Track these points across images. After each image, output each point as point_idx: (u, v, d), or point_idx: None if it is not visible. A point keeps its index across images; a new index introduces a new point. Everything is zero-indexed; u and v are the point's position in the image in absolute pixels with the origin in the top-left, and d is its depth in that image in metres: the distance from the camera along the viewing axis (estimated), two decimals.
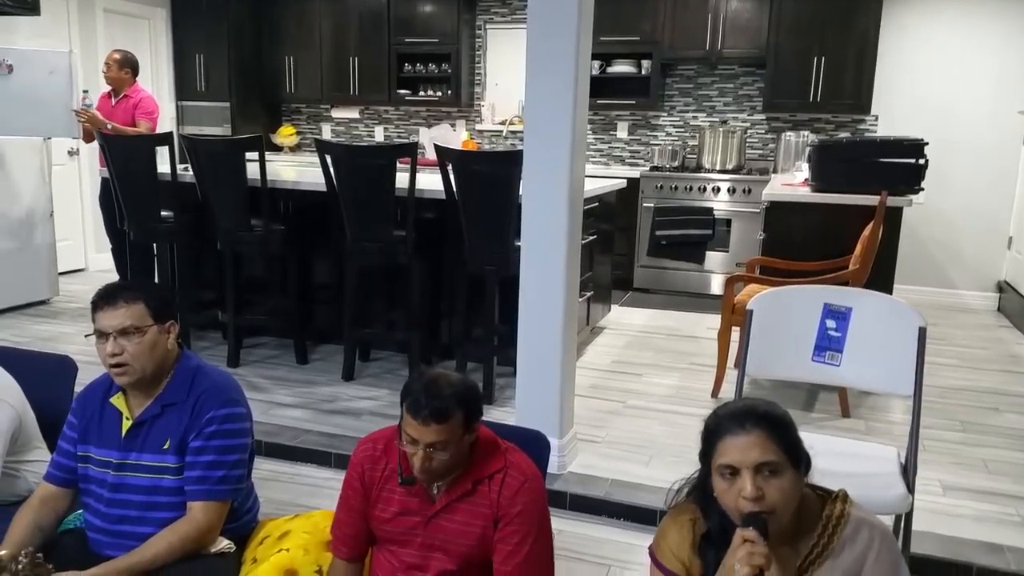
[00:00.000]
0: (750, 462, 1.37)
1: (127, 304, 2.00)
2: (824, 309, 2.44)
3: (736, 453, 1.39)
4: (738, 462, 1.38)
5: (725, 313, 3.92)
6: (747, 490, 1.36)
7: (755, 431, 1.39)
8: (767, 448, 1.38)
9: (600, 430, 3.47)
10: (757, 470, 1.37)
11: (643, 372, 4.32)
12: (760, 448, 1.38)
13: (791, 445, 1.41)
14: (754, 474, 1.37)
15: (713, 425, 1.46)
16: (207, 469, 2.02)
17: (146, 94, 5.38)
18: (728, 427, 1.41)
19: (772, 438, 1.39)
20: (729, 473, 1.40)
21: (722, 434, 1.42)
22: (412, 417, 1.69)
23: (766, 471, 1.37)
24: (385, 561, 1.85)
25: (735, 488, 1.39)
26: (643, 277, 6.31)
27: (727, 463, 1.39)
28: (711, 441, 1.44)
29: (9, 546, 1.93)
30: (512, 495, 1.76)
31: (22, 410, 2.34)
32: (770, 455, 1.38)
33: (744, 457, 1.38)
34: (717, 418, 1.46)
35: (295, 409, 3.71)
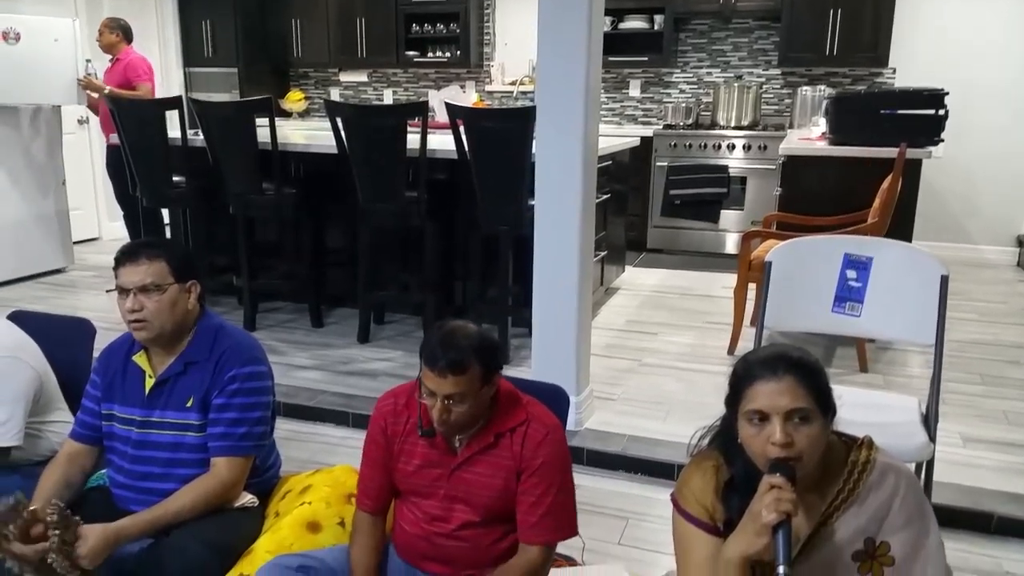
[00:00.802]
0: (781, 408, 1.35)
1: (149, 261, 2.00)
2: (844, 259, 2.40)
3: (766, 399, 1.37)
4: (768, 408, 1.36)
5: (741, 270, 3.89)
6: (776, 436, 1.35)
7: (787, 378, 1.36)
8: (798, 395, 1.36)
9: (616, 388, 3.47)
10: (787, 417, 1.35)
11: (658, 331, 4.30)
12: (791, 395, 1.36)
13: (822, 392, 1.39)
14: (784, 421, 1.35)
15: (743, 370, 1.43)
16: (230, 426, 2.04)
17: (136, 55, 5.36)
18: (759, 373, 1.39)
19: (804, 385, 1.36)
20: (758, 419, 1.38)
21: (752, 380, 1.39)
22: (430, 369, 1.68)
23: (796, 418, 1.36)
24: (408, 513, 1.87)
25: (763, 434, 1.37)
26: (657, 238, 6.27)
27: (757, 408, 1.37)
28: (740, 386, 1.41)
29: (39, 501, 1.95)
30: (535, 447, 1.77)
31: (43, 372, 2.36)
32: (801, 402, 1.36)
33: (775, 403, 1.36)
34: (747, 363, 1.43)
35: (312, 371, 3.73)
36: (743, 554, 1.37)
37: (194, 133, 4.36)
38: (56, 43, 5.09)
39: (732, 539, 1.40)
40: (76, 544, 1.80)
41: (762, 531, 1.34)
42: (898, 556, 1.39)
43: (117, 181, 5.32)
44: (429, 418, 1.74)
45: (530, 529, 1.77)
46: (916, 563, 1.39)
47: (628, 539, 2.42)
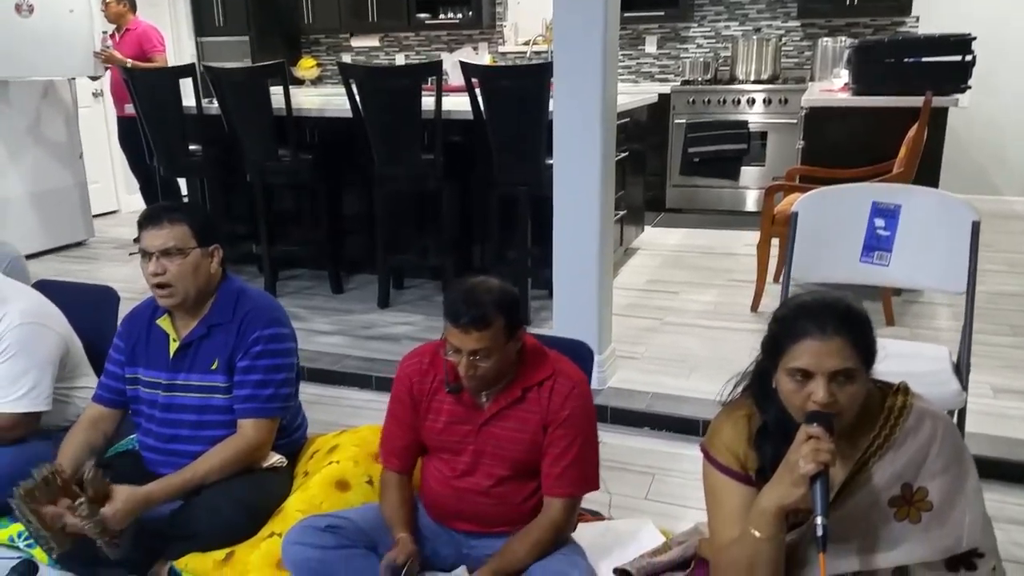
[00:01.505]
0: (827, 369, 1.31)
1: (171, 225, 2.00)
2: (872, 208, 2.35)
3: (812, 359, 1.32)
4: (814, 367, 1.32)
5: (765, 224, 3.83)
6: (820, 395, 1.31)
7: (836, 338, 1.31)
8: (847, 356, 1.31)
9: (638, 346, 3.45)
10: (832, 376, 1.32)
11: (679, 290, 4.26)
12: (840, 356, 1.31)
13: (869, 348, 1.34)
14: (829, 381, 1.32)
15: (788, 321, 1.37)
16: (256, 388, 2.04)
17: (146, 25, 5.34)
18: (807, 328, 1.33)
19: (852, 343, 1.32)
20: (801, 376, 1.34)
21: (799, 335, 1.34)
22: (453, 325, 1.67)
23: (841, 377, 1.32)
24: (436, 470, 1.87)
25: (805, 391, 1.34)
26: (676, 197, 6.19)
27: (801, 367, 1.33)
28: (783, 340, 1.36)
29: (63, 461, 1.97)
30: (562, 400, 1.76)
31: (68, 338, 2.38)
32: (849, 362, 1.31)
33: (821, 363, 1.32)
34: (793, 314, 1.37)
35: (334, 336, 3.73)
36: (779, 504, 1.35)
37: (208, 101, 4.33)
38: (71, 14, 5.06)
39: (768, 489, 1.38)
40: (104, 504, 1.82)
41: (799, 482, 1.32)
42: (936, 501, 1.37)
43: (131, 152, 5.32)
44: (455, 374, 1.74)
45: (554, 481, 1.77)
46: (954, 508, 1.37)
47: (655, 494, 2.42)
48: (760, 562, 1.39)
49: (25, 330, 2.23)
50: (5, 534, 2.18)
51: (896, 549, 1.38)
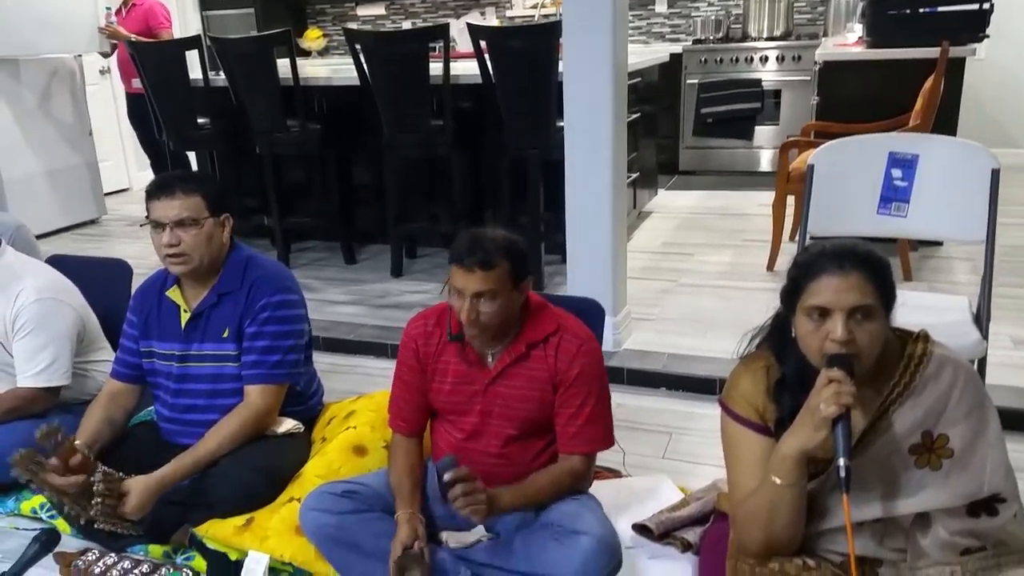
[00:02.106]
0: (845, 305, 1.30)
1: (185, 195, 1.98)
2: (889, 158, 2.31)
3: (831, 294, 1.31)
4: (832, 303, 1.31)
5: (780, 182, 3.78)
6: (837, 332, 1.30)
7: (854, 273, 1.31)
8: (865, 291, 1.30)
9: (654, 308, 3.43)
10: (850, 313, 1.30)
11: (694, 252, 4.23)
12: (858, 291, 1.30)
13: (887, 288, 1.33)
14: (847, 317, 1.30)
15: (807, 263, 1.37)
16: (262, 354, 2.05)
17: (153, 0, 5.27)
18: (824, 266, 1.33)
19: (871, 280, 1.31)
20: (818, 315, 1.33)
21: (816, 273, 1.33)
22: (458, 266, 1.67)
23: (859, 315, 1.30)
24: (446, 432, 1.87)
25: (823, 330, 1.32)
26: (689, 159, 6.12)
27: (819, 304, 1.32)
28: (802, 280, 1.35)
29: (82, 437, 1.99)
30: (570, 359, 1.75)
31: (84, 312, 2.39)
32: (867, 298, 1.30)
33: (839, 299, 1.30)
34: (812, 256, 1.37)
35: (348, 306, 3.74)
36: (801, 449, 1.34)
37: (215, 73, 4.31)
38: None
39: (789, 435, 1.37)
40: (121, 501, 1.84)
41: (820, 425, 1.31)
42: (957, 448, 1.36)
43: (141, 128, 5.31)
44: (458, 323, 1.73)
45: (570, 440, 1.77)
46: (975, 455, 1.35)
47: (672, 453, 2.42)
48: (781, 510, 1.39)
49: (42, 306, 2.24)
50: (28, 506, 2.21)
51: (917, 496, 1.37)
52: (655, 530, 1.80)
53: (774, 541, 1.43)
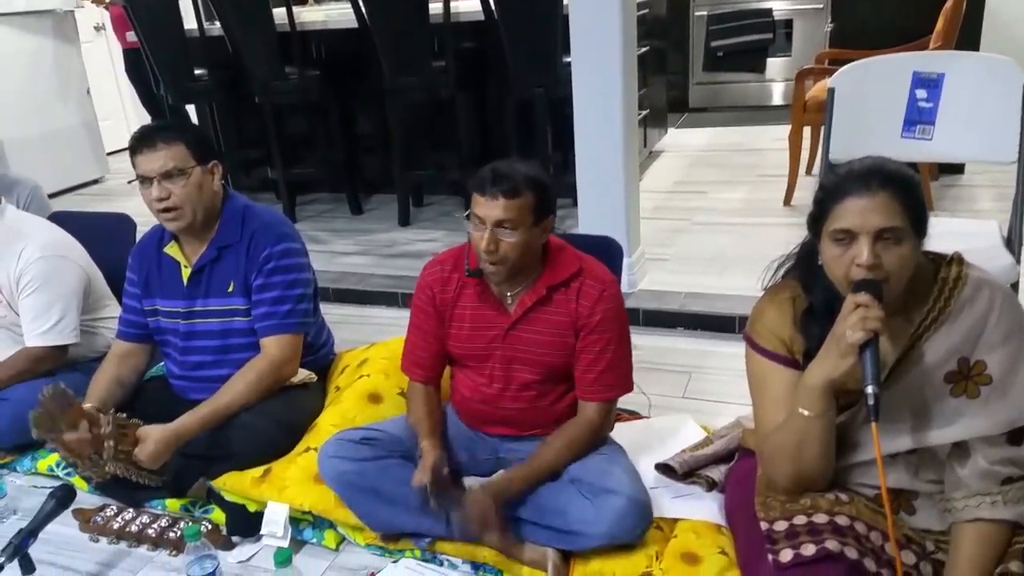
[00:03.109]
0: (871, 227, 1.23)
1: (167, 145, 1.92)
2: (913, 79, 2.21)
3: (856, 216, 1.24)
4: (857, 227, 1.24)
5: (796, 113, 3.66)
6: (863, 256, 1.23)
7: (881, 193, 1.23)
8: (892, 212, 1.23)
9: (668, 248, 3.36)
10: (877, 236, 1.23)
11: (707, 189, 4.13)
12: (884, 212, 1.22)
13: (917, 210, 1.25)
14: (873, 241, 1.23)
15: (832, 184, 1.29)
16: (272, 305, 2.00)
17: None
18: (850, 187, 1.25)
19: (899, 201, 1.23)
20: (844, 239, 1.26)
21: (842, 195, 1.26)
22: (480, 194, 1.61)
23: (887, 237, 1.23)
24: (466, 379, 1.83)
25: (848, 255, 1.25)
26: (699, 96, 5.98)
27: (844, 227, 1.25)
28: (827, 203, 1.28)
29: (91, 399, 1.96)
30: (592, 304, 1.69)
31: (89, 269, 2.35)
32: (895, 220, 1.23)
33: (864, 221, 1.23)
34: (838, 177, 1.29)
35: (356, 256, 3.68)
36: (827, 378, 1.29)
37: (211, 22, 4.19)
38: None
39: (815, 364, 1.31)
40: (135, 449, 1.81)
41: (847, 352, 1.25)
42: (995, 374, 1.30)
43: (139, 84, 5.21)
44: (476, 260, 1.67)
45: (589, 387, 1.72)
46: (1016, 379, 1.29)
47: (692, 392, 2.37)
48: (809, 443, 1.34)
49: (46, 263, 2.20)
50: (44, 464, 2.20)
51: (954, 425, 1.32)
52: (678, 469, 1.76)
53: (803, 475, 1.38)
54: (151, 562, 1.84)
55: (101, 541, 1.92)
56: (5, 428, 2.19)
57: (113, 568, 1.83)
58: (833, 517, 1.33)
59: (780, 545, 1.31)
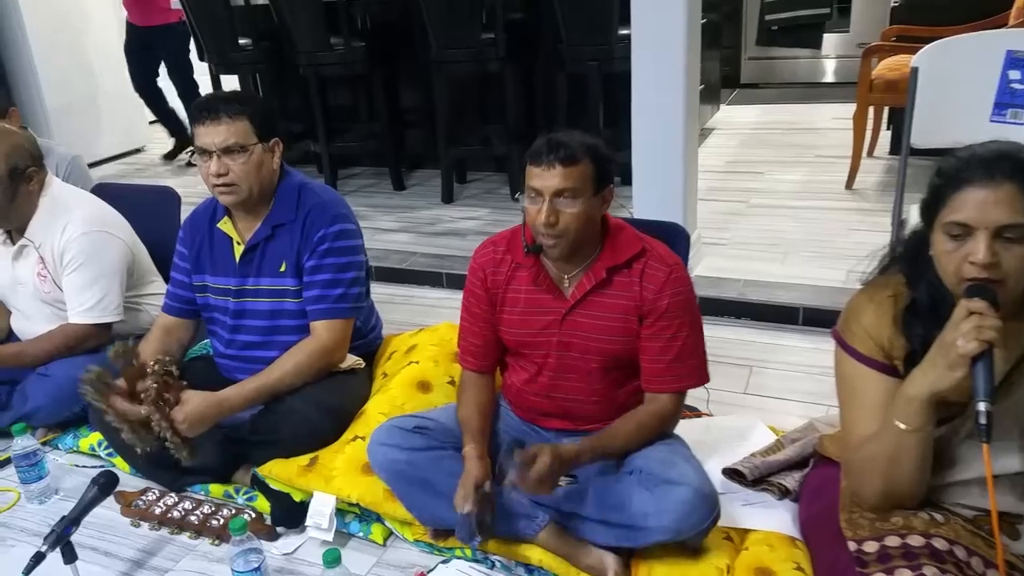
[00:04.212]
0: (991, 222, 1.10)
1: (231, 119, 1.83)
2: (1007, 58, 2.05)
3: (974, 209, 1.11)
4: (975, 220, 1.11)
5: (861, 92, 3.47)
6: (979, 255, 1.10)
7: (1006, 184, 1.10)
8: (1017, 207, 1.10)
9: (724, 232, 3.22)
10: (997, 233, 1.10)
11: (763, 170, 3.97)
12: (1008, 206, 1.10)
13: None
14: (992, 237, 1.10)
15: (951, 170, 1.16)
16: (325, 288, 1.92)
17: None
18: (971, 175, 1.13)
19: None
20: (960, 233, 1.13)
21: (960, 183, 1.13)
22: (535, 164, 1.52)
23: (1008, 235, 1.11)
24: (520, 368, 1.73)
25: (963, 251, 1.13)
26: (751, 71, 5.77)
27: (960, 220, 1.12)
28: (943, 191, 1.16)
29: None
30: (658, 287, 1.58)
31: (133, 244, 2.30)
32: (1019, 216, 1.10)
33: (984, 215, 1.11)
34: (958, 161, 1.16)
35: (399, 234, 3.60)
36: (931, 390, 1.17)
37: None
38: None
39: (918, 373, 1.19)
40: (175, 407, 1.75)
41: (956, 363, 1.13)
42: None
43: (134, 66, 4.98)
44: (532, 235, 1.57)
45: (657, 377, 1.61)
46: None
47: (754, 387, 2.25)
48: (903, 457, 1.23)
49: (89, 239, 2.14)
50: (86, 443, 2.16)
51: None
52: (748, 475, 1.66)
53: (894, 492, 1.27)
54: (193, 551, 1.79)
55: (142, 526, 1.87)
56: (47, 404, 2.16)
57: (154, 556, 1.78)
58: (930, 540, 1.22)
59: (872, 568, 1.21)
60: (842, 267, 2.82)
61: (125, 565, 1.76)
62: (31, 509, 1.98)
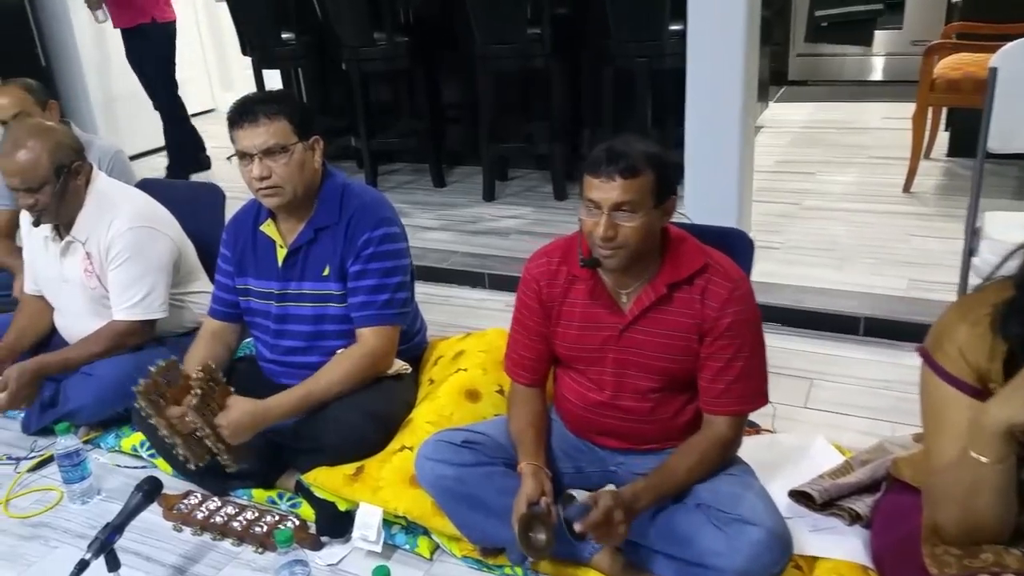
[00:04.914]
0: None
1: (269, 120, 1.79)
2: None
3: None
4: None
5: (922, 92, 3.34)
6: None
7: None
8: None
9: (777, 235, 3.11)
10: None
11: (815, 170, 3.85)
12: None
13: None
14: None
15: None
16: (371, 294, 1.87)
17: None
18: None
19: None
20: None
21: None
22: (594, 175, 1.43)
23: None
24: (574, 384, 1.66)
25: None
26: (800, 68, 5.62)
27: None
28: None
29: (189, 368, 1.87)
30: (720, 305, 1.50)
31: (180, 242, 2.27)
32: None
33: None
34: None
35: (439, 232, 3.55)
36: (1009, 421, 1.09)
37: None
38: None
39: (995, 403, 1.11)
40: (220, 413, 1.71)
41: None
42: None
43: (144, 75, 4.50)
44: (589, 248, 1.50)
45: (716, 399, 1.53)
46: None
47: (815, 401, 2.16)
48: (982, 489, 1.15)
49: (136, 234, 2.12)
50: (128, 443, 2.14)
51: None
52: (817, 498, 1.57)
53: (974, 524, 1.19)
54: (236, 559, 1.75)
55: (184, 531, 1.84)
56: (90, 403, 2.14)
57: (197, 563, 1.75)
58: None
59: None
60: (903, 275, 2.72)
61: (167, 571, 1.73)
62: (73, 509, 1.96)
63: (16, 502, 2.00)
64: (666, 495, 1.49)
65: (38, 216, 2.10)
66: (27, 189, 2.03)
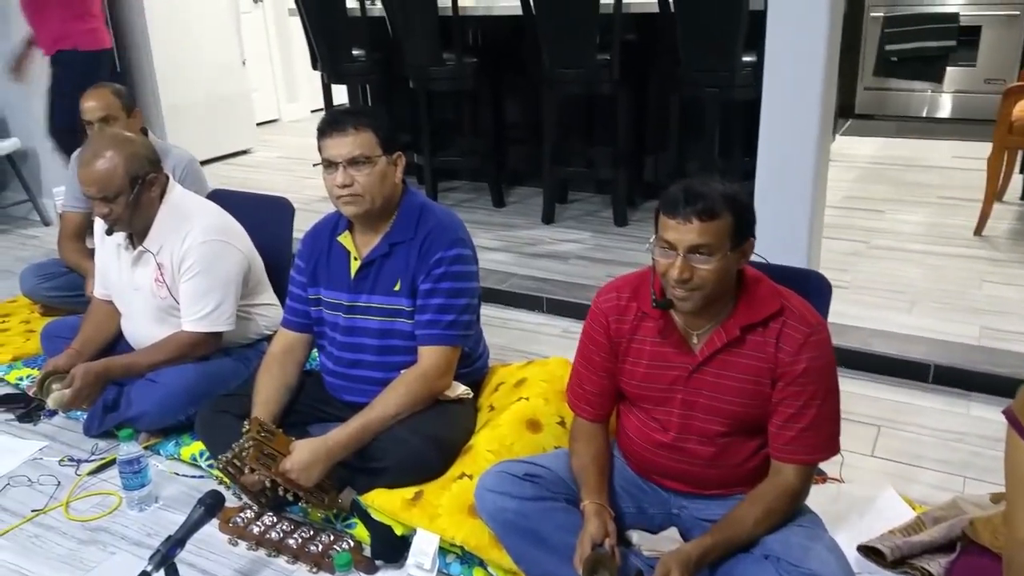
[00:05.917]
0: None
1: (356, 132, 1.84)
2: None
3: None
4: None
5: (999, 134, 3.24)
6: None
7: None
8: None
9: (845, 274, 3.04)
10: None
11: (884, 208, 3.76)
12: None
13: None
14: None
15: None
16: (437, 313, 1.88)
17: None
18: None
19: None
20: None
21: None
22: (670, 216, 1.40)
23: None
24: (638, 423, 1.63)
25: None
26: (867, 101, 5.52)
27: None
28: None
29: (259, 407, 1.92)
30: (795, 351, 1.46)
31: (249, 254, 2.30)
32: None
33: None
34: None
35: (498, 253, 3.54)
36: None
37: (371, 3, 4.14)
38: None
39: None
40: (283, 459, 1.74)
41: None
42: None
43: None
44: (662, 289, 1.47)
45: (786, 446, 1.49)
46: None
47: (882, 450, 2.09)
48: None
49: (209, 247, 2.15)
50: (188, 451, 2.16)
51: None
52: (888, 555, 1.52)
53: None
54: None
55: (240, 545, 1.84)
56: (153, 410, 2.17)
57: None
58: None
59: None
60: (974, 321, 2.63)
61: None
62: (131, 516, 1.98)
63: (75, 505, 2.03)
64: (734, 550, 1.45)
65: (111, 225, 2.14)
66: (102, 198, 2.08)
